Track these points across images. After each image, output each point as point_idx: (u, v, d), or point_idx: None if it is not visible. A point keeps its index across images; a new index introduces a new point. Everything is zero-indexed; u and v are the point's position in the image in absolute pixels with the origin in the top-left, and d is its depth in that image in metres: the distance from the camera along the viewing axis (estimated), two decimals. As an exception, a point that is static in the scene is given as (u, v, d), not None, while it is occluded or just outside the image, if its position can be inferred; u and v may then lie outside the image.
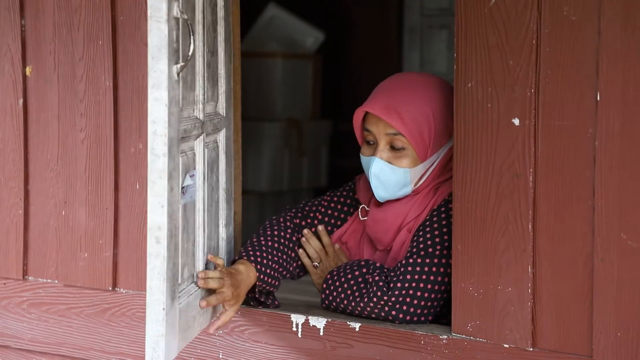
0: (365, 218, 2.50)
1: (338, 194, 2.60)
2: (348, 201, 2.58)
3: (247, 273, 2.37)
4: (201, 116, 2.28)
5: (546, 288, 2.16)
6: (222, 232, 2.50)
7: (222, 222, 2.49)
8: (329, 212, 2.58)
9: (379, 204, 2.47)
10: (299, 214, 2.57)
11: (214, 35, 2.37)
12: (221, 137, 2.47)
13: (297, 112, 5.17)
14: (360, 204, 2.54)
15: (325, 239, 2.53)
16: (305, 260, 2.53)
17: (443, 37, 5.54)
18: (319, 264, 2.52)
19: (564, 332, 2.15)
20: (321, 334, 2.42)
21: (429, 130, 2.35)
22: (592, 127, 2.07)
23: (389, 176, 2.37)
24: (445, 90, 2.39)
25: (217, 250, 2.47)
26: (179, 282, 2.11)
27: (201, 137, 2.27)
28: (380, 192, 2.40)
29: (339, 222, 2.58)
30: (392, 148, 2.37)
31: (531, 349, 2.18)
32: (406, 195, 2.41)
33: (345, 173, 2.67)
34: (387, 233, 2.44)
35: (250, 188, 4.76)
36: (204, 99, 2.29)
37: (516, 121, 2.15)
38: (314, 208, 2.59)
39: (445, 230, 2.31)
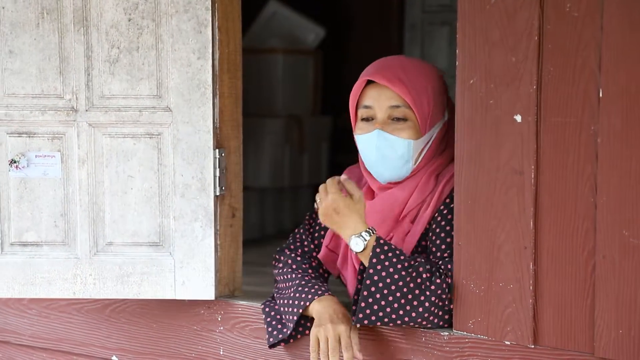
0: None
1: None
2: None
3: None
4: (77, 105, 2.56)
5: (548, 285, 2.15)
6: (172, 224, 2.57)
7: (172, 214, 2.57)
8: (322, 233, 2.54)
9: (370, 197, 2.45)
10: (299, 251, 2.54)
11: (140, 33, 2.54)
12: (171, 131, 2.55)
13: (298, 108, 5.16)
14: None
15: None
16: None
17: (444, 34, 5.53)
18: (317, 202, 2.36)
19: (566, 329, 2.14)
20: (322, 330, 2.41)
21: (428, 102, 2.35)
22: (594, 124, 2.07)
23: (392, 149, 2.34)
24: (434, 70, 2.42)
25: (161, 238, 2.57)
26: (14, 241, 2.60)
27: (75, 123, 2.57)
28: (382, 169, 2.36)
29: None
30: (393, 121, 2.35)
31: (532, 346, 2.18)
32: (405, 177, 2.37)
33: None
34: (383, 224, 2.38)
35: (250, 184, 4.75)
36: (102, 91, 2.56)
37: (518, 118, 2.15)
38: (304, 237, 2.56)
39: None
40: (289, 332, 2.38)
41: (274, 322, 2.42)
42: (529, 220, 2.15)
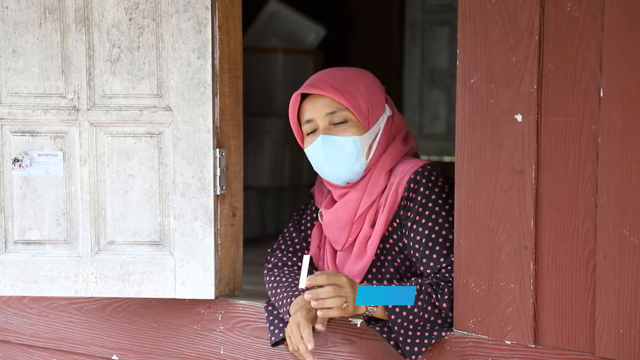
0: None
1: (307, 213, 2.59)
2: (314, 215, 2.57)
3: None
4: (79, 104, 2.58)
5: (548, 285, 2.15)
6: (172, 223, 2.58)
7: (172, 213, 2.58)
8: (309, 232, 2.57)
9: (330, 205, 2.46)
10: (290, 249, 2.56)
11: (140, 32, 2.55)
12: (171, 130, 2.57)
13: (298, 108, 5.17)
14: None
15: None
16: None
17: (444, 34, 5.54)
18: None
19: (566, 328, 2.14)
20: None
21: (362, 98, 2.38)
22: (595, 124, 2.07)
23: (340, 148, 2.36)
24: (364, 71, 2.46)
25: (161, 237, 2.58)
26: (17, 240, 2.63)
27: (77, 122, 2.59)
28: (337, 170, 2.38)
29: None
30: (334, 125, 2.38)
31: (533, 346, 2.18)
32: (361, 174, 2.38)
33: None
34: (343, 231, 2.42)
35: (250, 184, 4.76)
36: (104, 90, 2.58)
37: (519, 117, 2.15)
38: (294, 235, 2.58)
39: (440, 202, 2.30)
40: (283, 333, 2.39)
41: (276, 321, 2.43)
42: (530, 220, 2.15)
